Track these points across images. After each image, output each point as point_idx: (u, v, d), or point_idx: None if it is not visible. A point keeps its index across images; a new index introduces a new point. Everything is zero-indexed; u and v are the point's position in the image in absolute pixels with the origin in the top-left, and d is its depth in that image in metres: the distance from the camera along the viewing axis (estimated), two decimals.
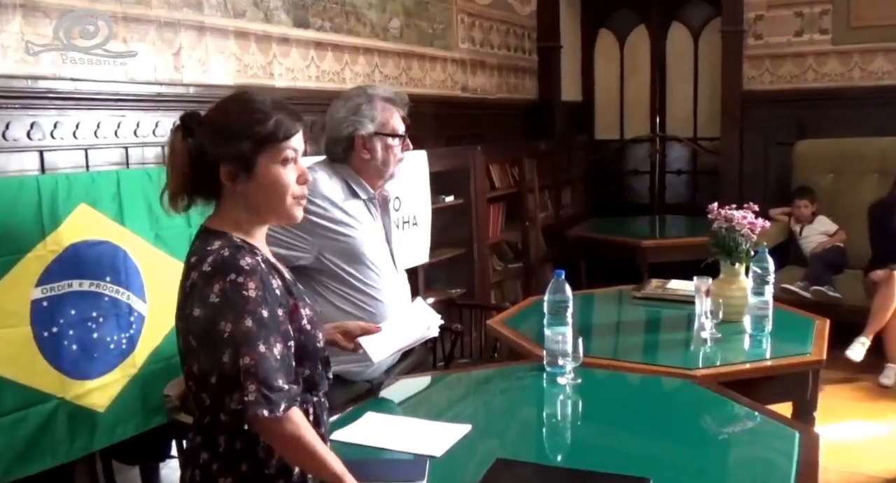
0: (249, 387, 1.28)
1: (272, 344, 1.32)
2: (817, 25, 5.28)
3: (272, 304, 1.35)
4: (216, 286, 1.31)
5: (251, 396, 1.28)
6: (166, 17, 2.85)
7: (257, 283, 1.32)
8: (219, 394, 1.31)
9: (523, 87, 5.77)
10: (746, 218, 2.66)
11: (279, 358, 1.33)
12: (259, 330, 1.30)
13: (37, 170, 2.43)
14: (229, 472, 1.39)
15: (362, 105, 2.17)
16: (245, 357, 1.28)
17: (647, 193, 6.48)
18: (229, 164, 1.38)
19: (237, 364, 1.28)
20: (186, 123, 1.41)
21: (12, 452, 2.08)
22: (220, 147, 1.37)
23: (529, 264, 5.13)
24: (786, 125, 5.39)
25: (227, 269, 1.32)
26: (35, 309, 2.12)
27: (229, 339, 1.29)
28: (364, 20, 3.94)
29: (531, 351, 2.37)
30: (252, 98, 1.43)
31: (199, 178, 1.40)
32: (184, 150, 1.40)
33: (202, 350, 1.33)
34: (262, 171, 1.39)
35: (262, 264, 1.38)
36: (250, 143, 1.37)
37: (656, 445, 1.79)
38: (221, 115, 1.41)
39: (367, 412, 1.93)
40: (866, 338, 4.05)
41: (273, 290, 1.37)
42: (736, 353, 2.45)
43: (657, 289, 3.15)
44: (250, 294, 1.31)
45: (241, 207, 1.42)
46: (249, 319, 1.30)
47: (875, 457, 3.28)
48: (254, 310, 1.30)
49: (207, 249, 1.36)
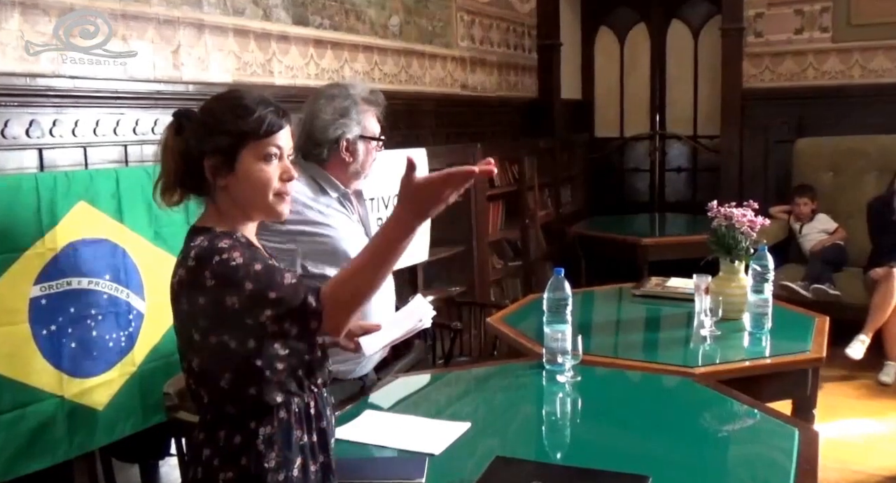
0: (304, 293, 1.29)
1: (285, 275, 1.33)
2: (817, 23, 5.27)
3: (262, 258, 1.36)
4: (206, 273, 1.32)
5: (311, 297, 1.29)
6: (165, 15, 2.85)
7: (240, 251, 1.33)
8: (288, 322, 1.31)
9: (523, 84, 5.77)
10: (746, 216, 2.65)
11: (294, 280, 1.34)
12: (266, 277, 1.31)
13: (35, 168, 2.43)
14: (230, 467, 1.39)
15: (350, 108, 2.12)
16: (272, 292, 1.29)
17: (647, 191, 6.48)
18: (212, 158, 1.39)
19: (264, 311, 1.29)
20: (179, 119, 1.43)
21: (11, 451, 2.08)
22: (203, 141, 1.39)
23: (529, 262, 5.13)
24: (786, 123, 5.39)
25: (210, 255, 1.33)
26: (34, 307, 2.11)
27: (247, 302, 1.30)
28: (363, 18, 3.93)
29: (531, 349, 2.37)
30: (239, 94, 1.44)
31: (187, 173, 1.42)
32: (174, 146, 1.42)
33: (222, 333, 1.33)
34: (244, 167, 1.40)
35: (242, 240, 1.40)
36: (231, 137, 1.38)
37: (656, 443, 1.78)
38: (207, 111, 1.43)
39: (366, 410, 1.93)
40: (866, 335, 4.06)
41: (260, 255, 1.39)
42: (736, 351, 2.44)
43: (657, 286, 3.15)
44: (238, 261, 1.31)
45: (228, 204, 1.43)
46: (249, 282, 1.30)
47: (875, 454, 3.28)
48: (247, 271, 1.31)
49: (190, 245, 1.38)
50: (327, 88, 2.21)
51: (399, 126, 4.20)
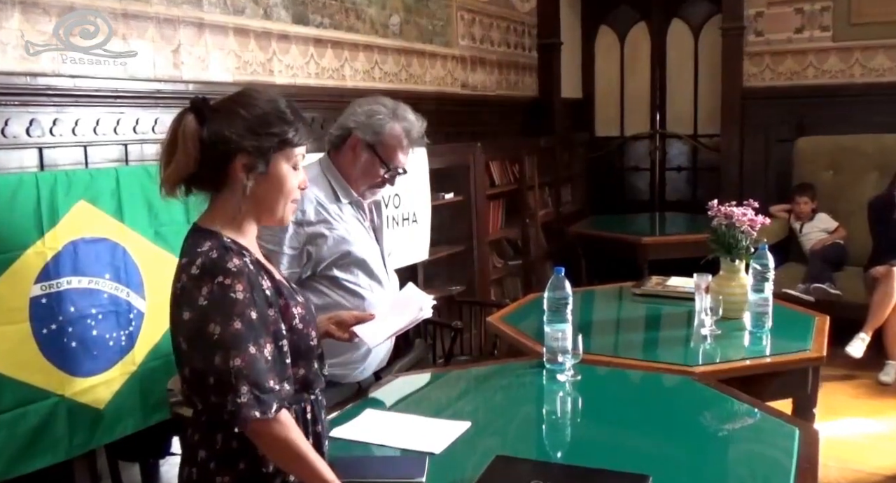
0: (242, 388, 1.29)
1: (262, 345, 1.33)
2: (818, 22, 5.27)
3: (261, 304, 1.36)
4: (204, 289, 1.32)
5: (244, 398, 1.29)
6: (165, 14, 2.85)
7: (245, 284, 1.33)
8: (213, 395, 1.31)
9: (523, 83, 5.77)
10: (746, 215, 2.65)
11: (270, 359, 1.34)
12: (248, 331, 1.31)
13: (36, 167, 2.43)
14: (227, 471, 1.39)
15: (380, 116, 2.12)
16: (236, 359, 1.30)
17: (648, 190, 6.48)
18: (249, 156, 1.39)
19: (228, 366, 1.29)
20: (200, 108, 1.40)
21: (12, 450, 2.08)
22: (245, 138, 1.38)
23: (529, 261, 5.13)
24: (786, 122, 5.39)
25: (214, 272, 1.32)
26: (34, 306, 2.12)
27: (219, 342, 1.30)
28: (364, 17, 3.93)
29: (531, 348, 2.36)
30: (276, 98, 1.45)
31: (207, 166, 1.39)
32: (196, 136, 1.38)
33: (194, 352, 1.33)
34: (275, 170, 1.42)
35: (251, 265, 1.38)
36: (276, 140, 1.40)
37: (656, 442, 1.78)
38: (250, 108, 1.41)
39: (366, 409, 1.93)
40: (866, 334, 4.06)
41: (262, 291, 1.38)
42: (736, 350, 2.44)
43: (657, 285, 3.15)
44: (238, 296, 1.32)
45: (239, 202, 1.41)
46: (238, 321, 1.31)
47: (875, 453, 3.28)
48: (242, 312, 1.31)
49: (197, 251, 1.36)
50: (385, 99, 2.20)
51: None
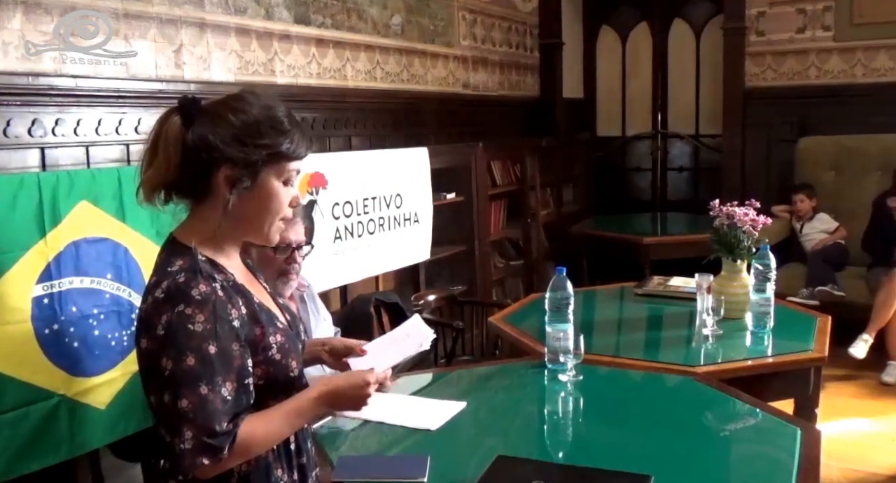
0: (186, 433, 1.17)
1: (218, 383, 1.19)
2: (820, 22, 5.27)
3: (224, 338, 1.21)
4: (163, 317, 1.19)
5: (187, 445, 1.17)
6: (167, 14, 2.85)
7: (208, 315, 1.20)
8: (164, 432, 1.21)
9: (525, 83, 5.77)
10: (748, 215, 2.65)
11: (228, 398, 1.20)
12: (202, 368, 1.18)
13: (38, 167, 2.43)
14: None
15: None
16: (183, 400, 1.17)
17: (649, 190, 6.48)
18: (234, 168, 1.24)
19: (176, 407, 1.17)
20: (188, 109, 1.27)
21: (13, 450, 2.08)
22: (231, 147, 1.24)
23: (531, 261, 5.13)
24: (788, 122, 5.38)
25: (176, 299, 1.20)
26: (36, 306, 2.11)
27: (169, 379, 1.18)
28: (365, 17, 3.93)
29: (532, 348, 2.37)
30: (272, 105, 1.30)
31: (188, 174, 1.25)
32: (179, 139, 1.25)
33: (148, 385, 1.23)
34: (264, 185, 1.28)
35: (223, 291, 1.24)
36: (265, 152, 1.26)
37: (658, 442, 1.78)
38: (240, 115, 1.26)
39: None
40: (869, 335, 4.05)
41: (228, 322, 1.23)
42: (738, 350, 2.44)
43: (659, 286, 3.15)
44: (196, 328, 1.19)
45: (221, 217, 1.27)
46: (192, 357, 1.18)
47: (877, 454, 3.27)
48: (198, 346, 1.18)
49: (167, 271, 1.23)
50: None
51: (401, 125, 4.21)
